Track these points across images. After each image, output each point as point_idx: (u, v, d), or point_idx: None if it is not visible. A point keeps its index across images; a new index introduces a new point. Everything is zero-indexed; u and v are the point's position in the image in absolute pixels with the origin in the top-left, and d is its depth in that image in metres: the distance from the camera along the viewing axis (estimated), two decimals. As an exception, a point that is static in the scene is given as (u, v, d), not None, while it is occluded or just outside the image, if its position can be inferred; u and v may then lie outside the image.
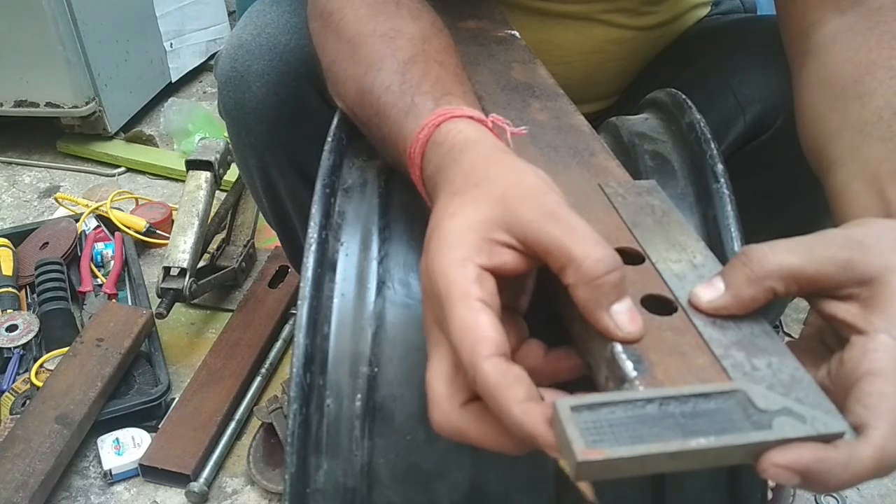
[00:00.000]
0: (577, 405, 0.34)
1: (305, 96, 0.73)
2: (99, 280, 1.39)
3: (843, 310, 0.41)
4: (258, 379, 1.23)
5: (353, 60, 0.56)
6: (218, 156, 1.37)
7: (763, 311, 0.41)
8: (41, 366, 1.16)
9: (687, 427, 0.33)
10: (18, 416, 1.08)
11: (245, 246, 1.44)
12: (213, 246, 1.39)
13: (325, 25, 0.61)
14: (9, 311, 1.26)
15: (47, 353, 1.18)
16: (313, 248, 0.49)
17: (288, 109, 0.73)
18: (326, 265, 0.50)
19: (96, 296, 1.34)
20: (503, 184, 0.42)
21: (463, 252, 0.39)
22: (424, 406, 0.47)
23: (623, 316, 0.38)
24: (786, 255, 0.40)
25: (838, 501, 1.04)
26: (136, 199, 1.67)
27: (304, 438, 0.46)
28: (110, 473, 1.08)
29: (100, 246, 1.46)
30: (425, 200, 0.49)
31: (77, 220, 1.50)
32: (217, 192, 1.39)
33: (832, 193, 0.53)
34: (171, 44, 2.11)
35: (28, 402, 1.10)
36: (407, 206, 0.54)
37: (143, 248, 1.54)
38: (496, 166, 0.43)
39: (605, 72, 0.85)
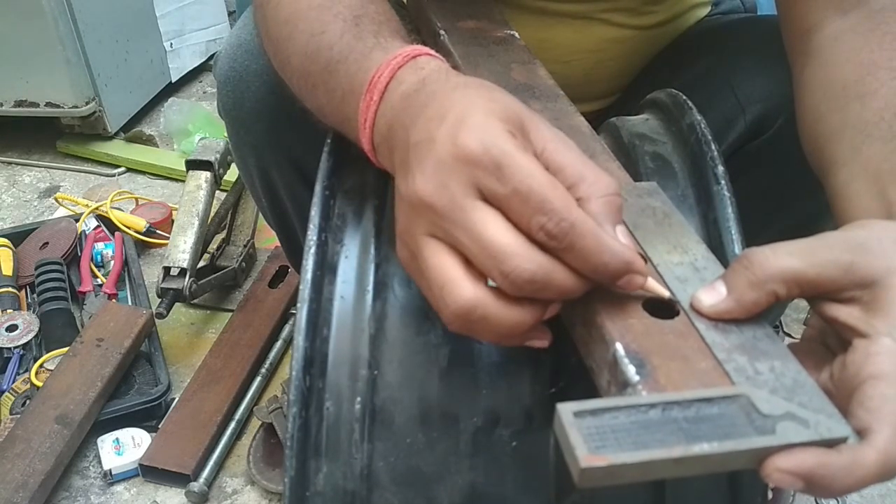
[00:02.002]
0: (580, 410, 0.33)
1: None
2: (99, 280, 1.39)
3: (844, 312, 0.41)
4: (258, 379, 1.23)
5: (293, 36, 0.56)
6: (218, 156, 1.37)
7: (764, 313, 0.41)
8: (41, 366, 1.16)
9: (690, 432, 0.33)
10: (18, 416, 1.08)
11: (245, 246, 1.44)
12: (213, 246, 1.39)
13: (264, 17, 0.61)
14: (9, 311, 1.26)
15: (47, 353, 1.18)
16: (313, 250, 0.49)
17: (287, 109, 0.72)
18: (326, 267, 0.50)
19: (96, 296, 1.34)
20: (511, 99, 0.42)
21: (500, 125, 0.40)
22: (424, 409, 0.47)
23: (623, 236, 0.40)
24: (787, 258, 0.40)
25: (839, 502, 1.04)
26: (136, 199, 1.67)
27: (304, 441, 0.46)
28: (110, 473, 1.08)
29: (100, 246, 1.45)
30: (367, 143, 0.48)
31: (77, 220, 1.50)
32: (217, 192, 1.39)
33: (833, 194, 0.53)
34: (171, 44, 2.10)
35: (28, 402, 1.10)
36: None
37: (143, 248, 1.54)
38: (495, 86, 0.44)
39: (604, 71, 0.85)
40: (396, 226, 0.44)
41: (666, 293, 0.42)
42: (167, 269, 1.22)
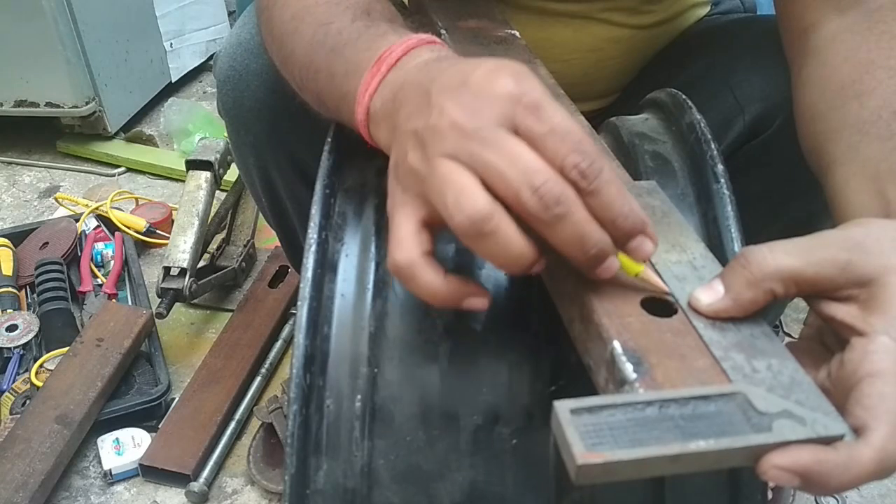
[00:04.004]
0: (577, 408, 0.34)
1: None
2: (99, 280, 1.39)
3: (842, 311, 0.41)
4: (258, 379, 1.23)
5: (299, 30, 0.56)
6: (218, 156, 1.37)
7: (763, 312, 0.41)
8: (41, 366, 1.16)
9: (687, 430, 0.33)
10: (18, 416, 1.08)
11: (245, 246, 1.44)
12: (213, 246, 1.39)
13: (269, 18, 0.61)
14: (9, 311, 1.26)
15: (47, 353, 1.18)
16: (313, 248, 0.49)
17: (286, 108, 0.72)
18: (326, 266, 0.50)
19: (96, 296, 1.34)
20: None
21: (535, 77, 0.41)
22: (424, 407, 0.47)
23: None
24: (784, 256, 0.40)
25: (838, 501, 1.04)
26: (136, 199, 1.67)
27: (304, 439, 0.46)
28: (110, 473, 1.08)
29: (100, 246, 1.45)
30: (362, 123, 0.49)
31: (77, 220, 1.50)
32: (217, 192, 1.39)
33: (831, 193, 0.53)
34: (171, 44, 2.10)
35: (28, 402, 1.10)
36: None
37: (143, 248, 1.54)
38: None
39: (604, 70, 0.85)
40: (395, 161, 0.44)
41: (665, 287, 0.42)
42: (167, 269, 1.22)
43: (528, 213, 0.39)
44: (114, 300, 1.33)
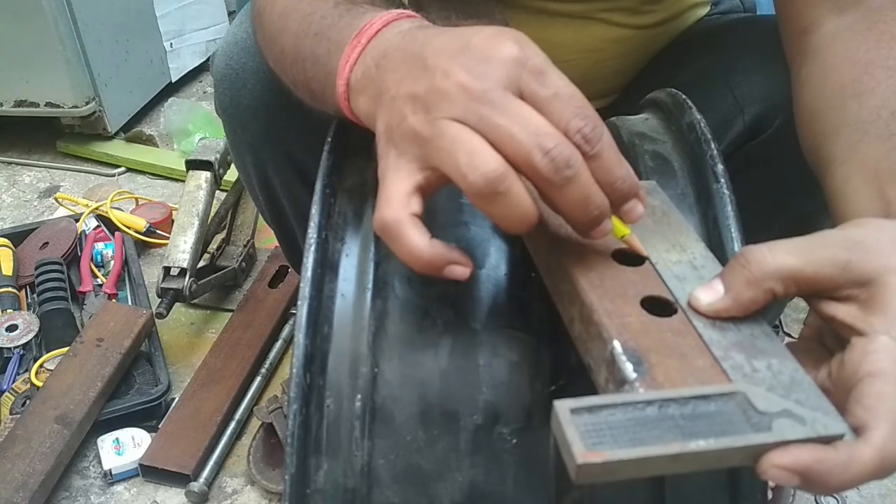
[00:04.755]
0: (577, 407, 0.34)
1: None
2: (99, 280, 1.39)
3: (842, 311, 0.41)
4: (258, 379, 1.23)
5: (287, 27, 0.57)
6: (218, 156, 1.37)
7: (762, 311, 0.41)
8: (41, 366, 1.16)
9: (687, 429, 0.33)
10: (18, 416, 1.08)
11: (245, 246, 1.44)
12: (213, 246, 1.39)
13: (261, 23, 0.62)
14: (9, 311, 1.26)
15: (47, 353, 1.18)
16: (313, 248, 0.49)
17: (284, 107, 0.72)
18: (327, 265, 0.50)
19: (96, 296, 1.34)
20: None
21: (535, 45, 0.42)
22: (424, 407, 0.47)
23: None
24: (784, 256, 0.40)
25: (838, 501, 1.04)
26: (136, 199, 1.67)
27: (304, 439, 0.46)
28: (110, 473, 1.08)
29: (100, 246, 1.45)
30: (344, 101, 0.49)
31: (77, 220, 1.50)
32: (217, 192, 1.39)
33: (831, 192, 0.53)
34: (171, 44, 2.10)
35: (28, 402, 1.10)
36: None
37: (143, 248, 1.54)
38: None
39: (603, 70, 0.85)
40: (386, 125, 0.44)
41: (643, 251, 0.44)
42: (167, 269, 1.22)
43: (539, 175, 0.39)
44: (114, 300, 1.33)
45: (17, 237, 1.44)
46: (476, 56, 0.41)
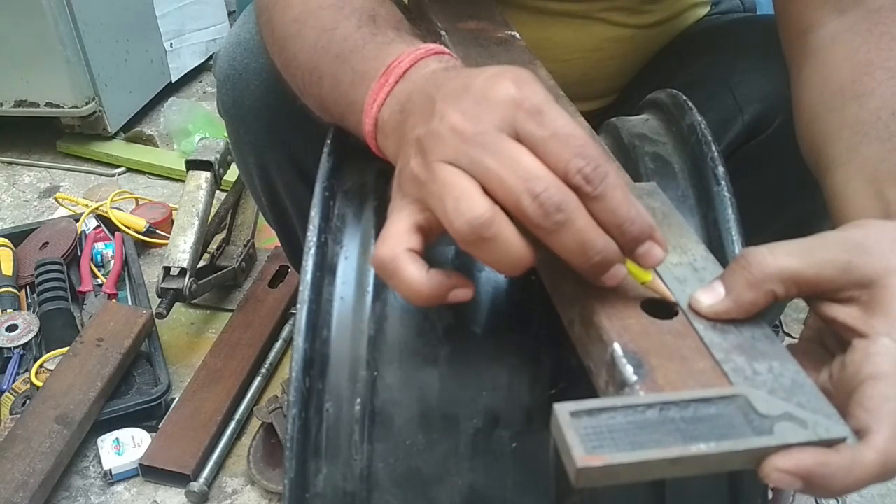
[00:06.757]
0: (577, 410, 0.33)
1: None
2: (99, 280, 1.39)
3: (843, 313, 0.41)
4: (258, 379, 1.23)
5: (302, 33, 0.56)
6: (218, 156, 1.37)
7: (763, 313, 0.41)
8: (41, 366, 1.16)
9: (687, 433, 0.33)
10: (18, 416, 1.08)
11: (245, 246, 1.44)
12: (213, 246, 1.39)
13: (270, 20, 0.61)
14: (9, 311, 1.26)
15: (47, 353, 1.18)
16: (312, 251, 0.49)
17: (286, 107, 0.72)
18: (326, 268, 0.50)
19: (96, 296, 1.34)
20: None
21: (538, 83, 0.41)
22: (424, 410, 0.47)
23: None
24: (785, 258, 0.40)
25: (838, 502, 1.04)
26: (136, 199, 1.67)
27: (304, 443, 0.46)
28: (110, 473, 1.08)
29: (100, 246, 1.45)
30: (370, 133, 0.49)
31: (77, 220, 1.50)
32: (217, 192, 1.39)
33: (830, 193, 0.53)
34: (171, 44, 2.10)
35: (28, 402, 1.10)
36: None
37: (143, 248, 1.54)
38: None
39: (603, 70, 0.85)
40: (399, 168, 0.44)
41: (670, 295, 0.42)
42: (167, 269, 1.22)
43: (528, 220, 0.38)
44: (114, 300, 1.33)
45: (17, 237, 1.44)
46: (473, 98, 0.40)
